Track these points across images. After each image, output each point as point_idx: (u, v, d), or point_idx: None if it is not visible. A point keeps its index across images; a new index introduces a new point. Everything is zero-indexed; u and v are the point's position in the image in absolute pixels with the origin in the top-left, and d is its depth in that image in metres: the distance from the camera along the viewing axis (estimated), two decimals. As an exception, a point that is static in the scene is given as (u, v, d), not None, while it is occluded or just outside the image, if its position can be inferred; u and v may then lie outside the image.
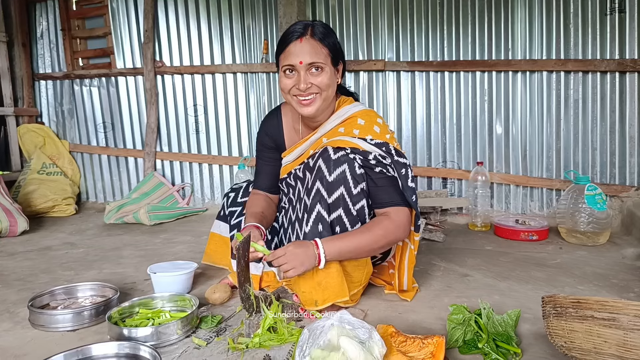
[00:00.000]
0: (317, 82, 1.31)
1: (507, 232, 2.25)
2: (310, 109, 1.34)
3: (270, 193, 1.58)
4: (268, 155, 1.57)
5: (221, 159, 3.22)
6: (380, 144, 1.36)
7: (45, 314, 1.32)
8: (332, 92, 1.38)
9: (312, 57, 1.29)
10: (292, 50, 1.30)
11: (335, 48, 1.35)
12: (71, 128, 3.57)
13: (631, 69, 2.36)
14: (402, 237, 1.37)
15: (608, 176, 2.49)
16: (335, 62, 1.36)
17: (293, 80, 1.32)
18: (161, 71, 3.23)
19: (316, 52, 1.30)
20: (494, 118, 2.68)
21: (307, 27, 1.32)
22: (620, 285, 1.57)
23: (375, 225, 1.32)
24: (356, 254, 1.31)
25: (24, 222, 2.64)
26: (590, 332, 0.92)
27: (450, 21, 2.69)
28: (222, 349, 1.16)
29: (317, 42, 1.31)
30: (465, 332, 1.13)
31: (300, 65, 1.30)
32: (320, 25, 1.34)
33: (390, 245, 1.38)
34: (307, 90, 1.32)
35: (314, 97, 1.33)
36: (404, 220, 1.34)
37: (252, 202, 1.53)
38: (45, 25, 3.54)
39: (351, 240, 1.28)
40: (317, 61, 1.30)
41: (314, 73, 1.31)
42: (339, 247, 1.26)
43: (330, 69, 1.34)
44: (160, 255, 2.12)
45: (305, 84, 1.30)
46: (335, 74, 1.38)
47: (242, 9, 3.06)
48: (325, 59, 1.32)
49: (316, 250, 1.24)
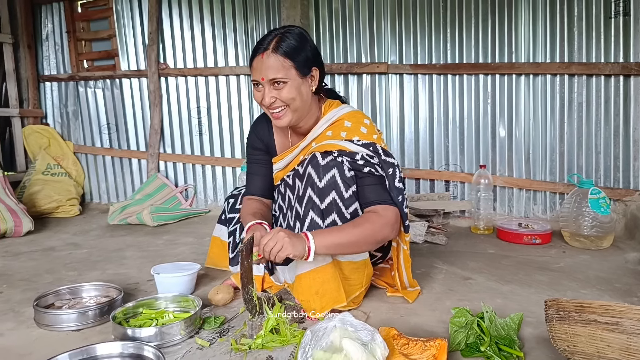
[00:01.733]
0: (281, 96, 1.31)
1: (509, 236, 2.25)
2: (282, 122, 1.36)
3: (264, 198, 1.56)
4: (260, 157, 1.55)
5: (224, 161, 3.23)
6: (367, 144, 1.36)
7: (50, 314, 1.33)
8: (303, 102, 1.36)
9: (273, 73, 1.28)
10: (255, 66, 1.31)
11: (301, 57, 1.31)
12: (75, 129, 3.59)
13: (635, 73, 2.36)
14: (391, 236, 1.36)
15: (612, 180, 2.49)
16: (305, 72, 1.34)
17: (260, 94, 1.33)
18: (165, 73, 3.25)
19: (277, 67, 1.28)
20: (497, 121, 2.68)
21: (273, 40, 1.30)
22: (624, 289, 1.57)
23: (364, 220, 1.31)
24: (345, 248, 1.29)
25: (29, 223, 2.65)
26: (594, 336, 0.92)
27: (454, 24, 2.69)
28: (225, 350, 1.17)
29: (279, 56, 1.28)
30: (467, 335, 1.13)
31: (263, 81, 1.30)
32: (289, 35, 1.31)
33: (379, 243, 1.37)
34: (272, 104, 1.33)
35: (282, 110, 1.34)
36: (392, 218, 1.33)
37: (248, 207, 1.50)
38: (51, 27, 3.56)
39: (341, 234, 1.26)
40: (278, 77, 1.29)
41: (277, 87, 1.31)
42: (328, 240, 1.24)
43: (296, 80, 1.31)
44: (163, 256, 2.13)
45: (269, 98, 1.31)
46: (308, 82, 1.36)
47: (245, 11, 3.08)
48: (288, 72, 1.29)
49: (306, 242, 1.22)
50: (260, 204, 1.52)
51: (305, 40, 1.34)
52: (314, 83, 1.38)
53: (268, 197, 1.57)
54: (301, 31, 1.36)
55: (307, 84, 1.36)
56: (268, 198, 1.57)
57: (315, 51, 1.37)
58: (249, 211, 1.47)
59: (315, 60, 1.37)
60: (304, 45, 1.33)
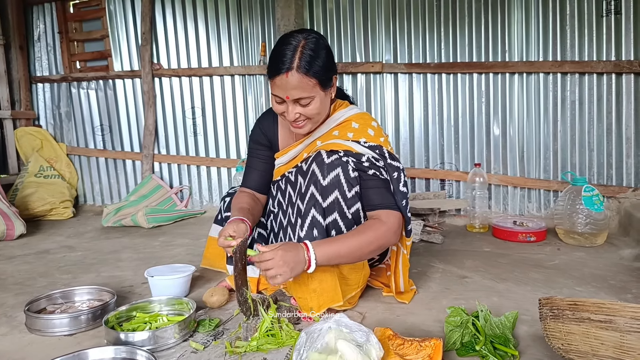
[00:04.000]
0: (306, 112, 1.30)
1: (505, 234, 2.25)
2: (303, 130, 1.36)
3: (258, 192, 1.55)
4: (262, 152, 1.55)
5: (219, 161, 3.21)
6: (374, 147, 1.36)
7: (42, 319, 1.32)
8: (324, 111, 1.36)
9: (299, 93, 1.26)
10: (279, 84, 1.27)
11: (324, 71, 1.28)
12: (69, 131, 3.56)
13: (627, 70, 2.37)
14: (393, 242, 1.35)
15: (605, 177, 2.50)
16: (328, 85, 1.32)
17: (283, 107, 1.31)
18: (159, 74, 3.23)
19: (303, 86, 1.26)
20: (492, 120, 2.69)
21: (294, 56, 1.24)
22: (618, 286, 1.57)
23: (367, 229, 1.30)
24: (347, 258, 1.27)
25: (21, 226, 2.63)
26: (588, 335, 0.93)
27: (448, 23, 2.70)
28: (219, 353, 1.16)
29: (303, 75, 1.24)
30: (462, 334, 1.13)
31: (288, 100, 1.28)
32: (308, 50, 1.25)
33: (381, 250, 1.36)
34: (296, 120, 1.32)
35: (304, 122, 1.34)
36: (395, 224, 1.33)
37: (238, 199, 1.49)
38: (43, 28, 3.53)
39: (342, 244, 1.25)
40: (304, 96, 1.27)
41: (302, 103, 1.29)
42: (330, 251, 1.22)
43: (320, 95, 1.30)
44: (158, 258, 2.12)
45: (294, 115, 1.30)
46: (329, 93, 1.36)
47: (239, 11, 3.07)
48: (313, 89, 1.28)
49: (306, 254, 1.20)
50: (251, 198, 1.51)
51: (324, 50, 1.30)
52: (333, 90, 1.38)
53: (262, 193, 1.57)
54: (318, 39, 1.31)
55: (329, 94, 1.36)
56: (262, 193, 1.57)
57: (332, 57, 1.34)
58: (237, 205, 1.45)
59: (333, 68, 1.35)
60: (324, 57, 1.29)
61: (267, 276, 1.17)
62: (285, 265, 1.16)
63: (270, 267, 1.15)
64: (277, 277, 1.16)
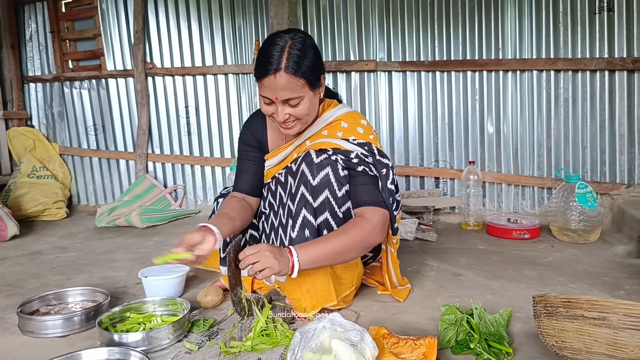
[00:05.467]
0: (295, 113, 1.29)
1: (499, 231, 2.26)
2: (293, 131, 1.35)
3: (249, 195, 1.53)
4: (252, 154, 1.53)
5: (213, 161, 3.20)
6: (363, 144, 1.36)
7: (35, 320, 1.31)
8: (314, 111, 1.36)
9: (288, 93, 1.25)
10: (267, 85, 1.25)
11: (312, 70, 1.27)
12: (61, 131, 3.53)
13: (620, 68, 2.38)
14: (378, 240, 1.33)
15: (598, 174, 2.51)
16: (316, 84, 1.31)
17: (272, 108, 1.30)
18: (152, 73, 3.21)
19: (291, 87, 1.25)
20: (485, 117, 2.69)
21: (282, 57, 1.23)
22: (611, 283, 1.58)
23: (352, 227, 1.28)
24: (332, 260, 1.25)
25: (14, 227, 2.61)
26: (581, 332, 0.93)
27: (441, 21, 2.70)
28: (214, 353, 1.15)
29: (291, 76, 1.23)
30: (457, 332, 1.13)
31: (277, 100, 1.27)
32: (295, 50, 1.24)
33: (367, 250, 1.34)
34: (285, 121, 1.31)
35: (294, 123, 1.33)
36: (380, 222, 1.31)
37: (224, 204, 1.47)
38: (35, 28, 3.50)
39: (327, 245, 1.22)
40: (293, 96, 1.26)
41: (291, 104, 1.28)
42: (314, 254, 1.20)
43: (309, 95, 1.29)
44: (152, 258, 2.10)
45: (283, 115, 1.29)
46: (318, 93, 1.35)
47: (232, 9, 3.05)
48: (302, 89, 1.26)
49: (290, 258, 1.18)
50: (239, 203, 1.48)
51: (312, 50, 1.29)
52: (322, 90, 1.37)
53: (255, 195, 1.55)
54: (305, 39, 1.30)
55: (318, 94, 1.35)
56: (255, 196, 1.55)
57: (319, 57, 1.33)
58: (221, 210, 1.44)
59: (321, 67, 1.33)
60: (312, 57, 1.28)
61: (254, 271, 1.15)
62: (271, 256, 1.14)
63: (255, 261, 1.14)
64: (265, 270, 1.14)
